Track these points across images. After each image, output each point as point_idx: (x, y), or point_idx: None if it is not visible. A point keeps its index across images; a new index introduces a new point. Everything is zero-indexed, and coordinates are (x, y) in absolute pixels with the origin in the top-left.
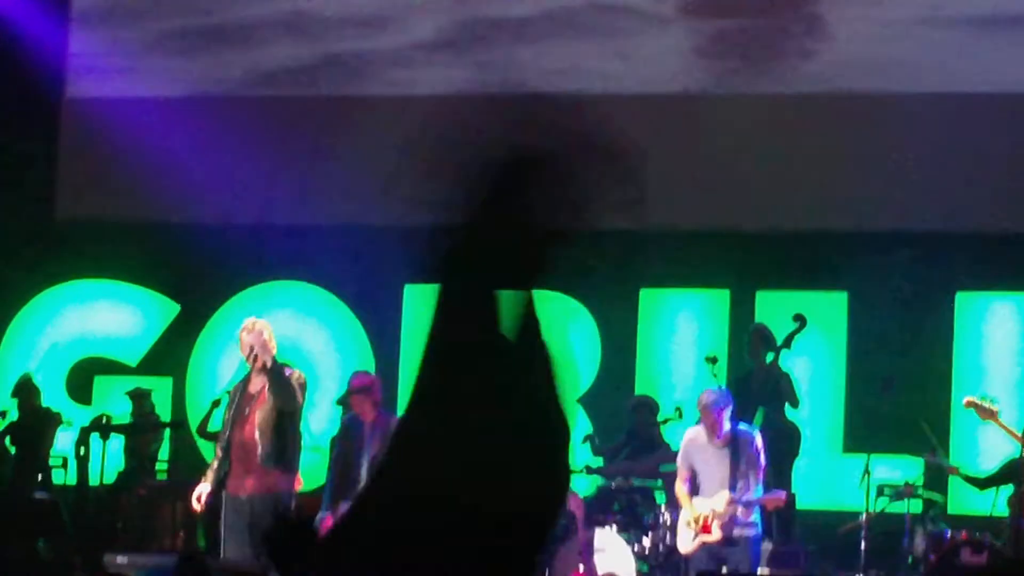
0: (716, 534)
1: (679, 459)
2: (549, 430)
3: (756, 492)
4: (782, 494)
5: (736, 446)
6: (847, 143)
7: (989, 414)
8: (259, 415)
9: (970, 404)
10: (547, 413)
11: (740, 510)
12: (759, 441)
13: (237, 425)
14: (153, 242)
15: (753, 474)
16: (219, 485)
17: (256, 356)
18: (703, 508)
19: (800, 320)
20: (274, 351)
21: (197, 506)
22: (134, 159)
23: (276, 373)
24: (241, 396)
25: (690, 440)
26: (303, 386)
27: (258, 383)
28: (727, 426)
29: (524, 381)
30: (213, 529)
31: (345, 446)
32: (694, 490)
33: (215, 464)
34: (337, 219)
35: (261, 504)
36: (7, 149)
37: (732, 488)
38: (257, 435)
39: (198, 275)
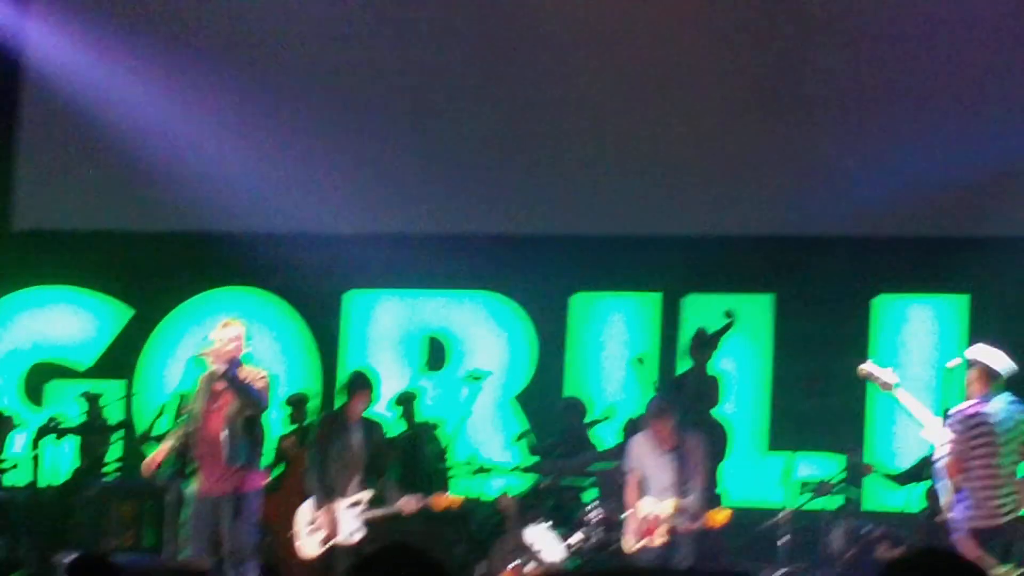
0: (659, 539)
1: (631, 462)
2: None
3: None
4: (726, 513)
5: (683, 452)
6: (772, 148)
7: (886, 385)
8: (226, 414)
9: (866, 374)
10: None
11: (684, 521)
12: (703, 447)
13: (203, 423)
14: (109, 250)
15: (698, 479)
16: (181, 481)
17: (226, 354)
18: (649, 511)
19: (730, 317)
20: (244, 351)
21: (148, 473)
22: (91, 168)
23: (244, 375)
24: (207, 394)
25: (639, 445)
26: (267, 386)
27: (223, 382)
28: (674, 433)
29: None
30: (169, 526)
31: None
32: (641, 493)
33: (173, 442)
34: (288, 227)
35: (228, 504)
36: None
37: (680, 494)
38: (224, 435)
39: (152, 281)
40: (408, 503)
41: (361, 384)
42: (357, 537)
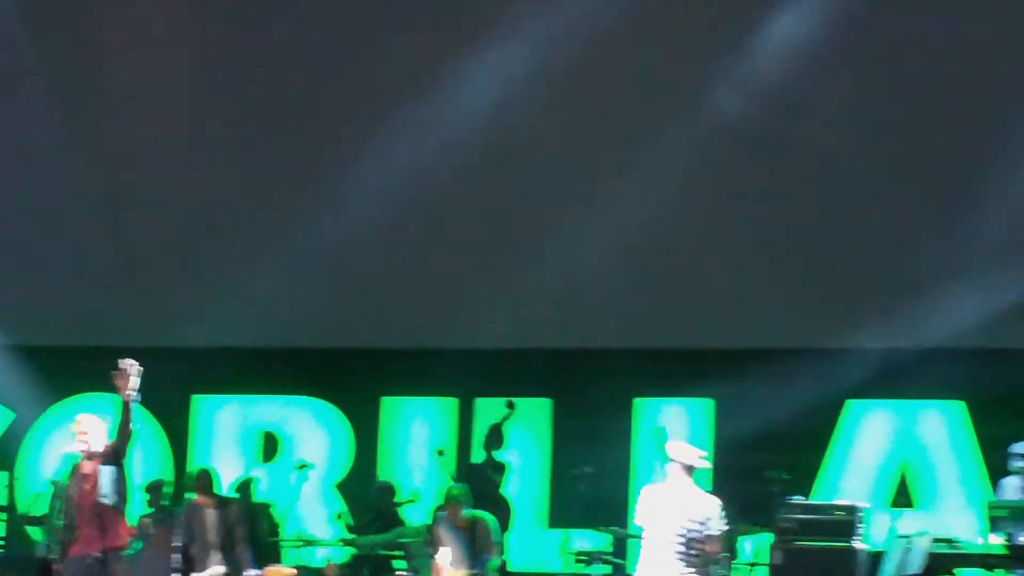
0: None
1: (439, 536)
2: None
3: (489, 565)
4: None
5: (474, 530)
6: (534, 268)
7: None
8: (101, 483)
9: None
10: None
11: None
12: (492, 525)
13: (80, 501)
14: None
15: (486, 552)
16: (62, 554)
17: (89, 442)
18: None
19: (511, 407)
20: (105, 439)
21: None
22: None
23: (109, 451)
24: (79, 477)
25: (440, 524)
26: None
27: (90, 465)
28: (465, 514)
29: None
30: None
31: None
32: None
33: (59, 535)
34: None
35: (97, 565)
36: None
37: (470, 566)
38: (101, 500)
39: (28, 388)
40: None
41: (206, 479)
42: None
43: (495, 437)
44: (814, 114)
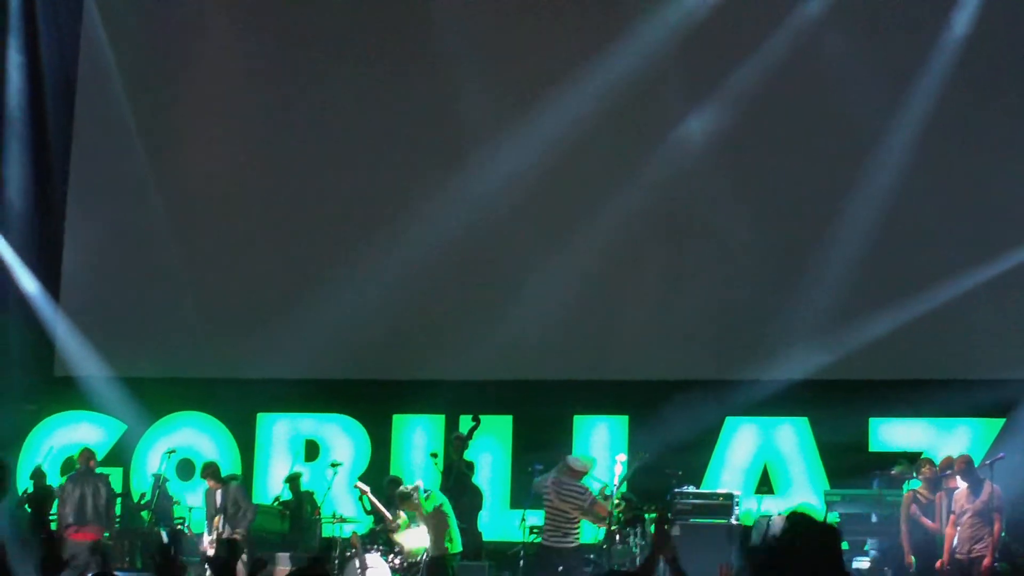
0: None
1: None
2: None
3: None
4: None
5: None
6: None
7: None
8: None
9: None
10: None
11: None
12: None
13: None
14: None
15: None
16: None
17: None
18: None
19: (477, 420)
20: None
21: None
22: None
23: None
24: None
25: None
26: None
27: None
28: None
29: None
30: None
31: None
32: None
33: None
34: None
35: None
36: None
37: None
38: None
39: (134, 408)
40: None
41: (208, 471)
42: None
43: (462, 441)
44: (707, 203)
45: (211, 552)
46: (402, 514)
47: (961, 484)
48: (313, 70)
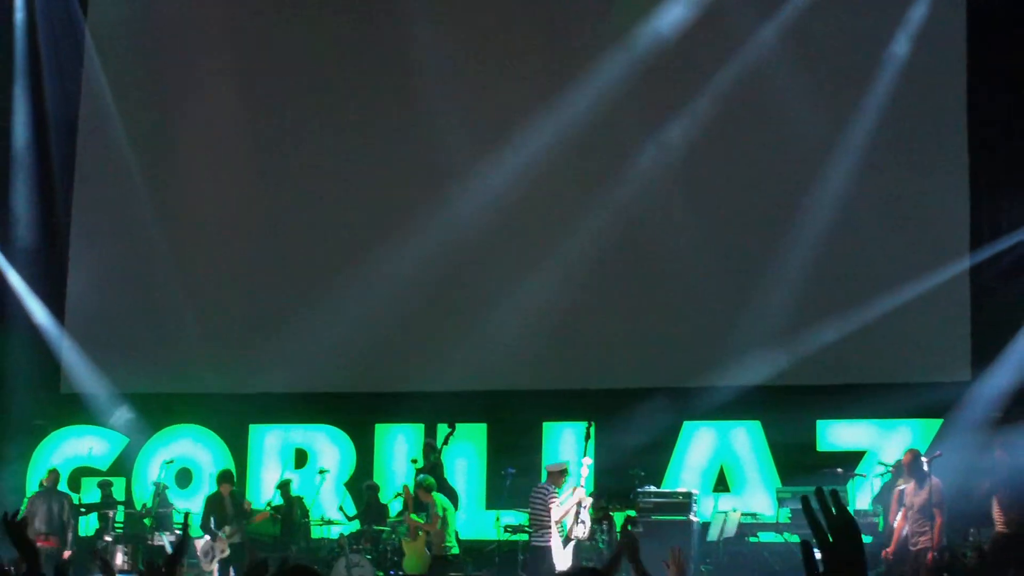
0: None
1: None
2: None
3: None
4: None
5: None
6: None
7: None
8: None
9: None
10: None
11: None
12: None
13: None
14: None
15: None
16: None
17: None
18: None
19: (453, 427)
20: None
21: None
22: None
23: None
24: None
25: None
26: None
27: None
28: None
29: None
30: None
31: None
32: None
33: None
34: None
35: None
36: None
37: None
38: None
39: (135, 422)
40: None
41: (226, 477)
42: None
43: (433, 449)
44: (667, 227)
45: (224, 554)
46: (436, 511)
47: (908, 479)
48: (302, 107)
